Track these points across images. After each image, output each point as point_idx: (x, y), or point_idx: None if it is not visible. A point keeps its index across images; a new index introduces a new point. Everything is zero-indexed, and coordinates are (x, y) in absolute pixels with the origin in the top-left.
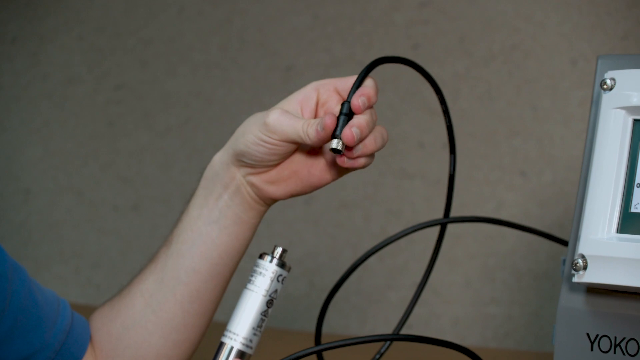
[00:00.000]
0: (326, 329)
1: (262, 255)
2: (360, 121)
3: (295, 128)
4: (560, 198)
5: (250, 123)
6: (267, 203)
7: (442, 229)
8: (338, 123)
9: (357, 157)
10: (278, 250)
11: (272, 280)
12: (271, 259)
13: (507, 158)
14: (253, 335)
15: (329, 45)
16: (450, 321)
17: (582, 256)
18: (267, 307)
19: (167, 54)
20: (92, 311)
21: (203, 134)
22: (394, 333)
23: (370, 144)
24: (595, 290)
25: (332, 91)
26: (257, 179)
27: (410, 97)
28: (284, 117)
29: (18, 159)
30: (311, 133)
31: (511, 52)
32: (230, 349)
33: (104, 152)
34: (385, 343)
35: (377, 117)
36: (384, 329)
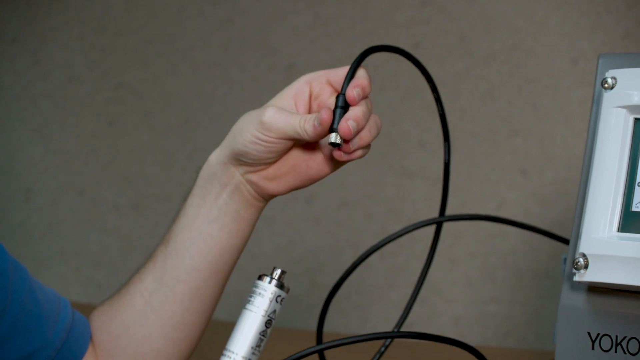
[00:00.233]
0: (327, 327)
1: (261, 277)
2: (357, 113)
3: (292, 125)
4: (561, 197)
5: (246, 122)
6: (266, 199)
7: (438, 227)
8: (334, 117)
9: (354, 150)
10: (277, 271)
11: (271, 301)
12: (270, 280)
13: (508, 157)
14: (252, 354)
15: (330, 44)
16: (451, 320)
17: (583, 255)
18: (265, 327)
19: (167, 54)
20: (93, 310)
21: (204, 133)
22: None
23: (365, 135)
24: (596, 289)
25: (324, 83)
26: (256, 177)
27: (410, 96)
28: (280, 114)
29: (19, 158)
30: (308, 129)
31: (512, 52)
32: None
33: (105, 151)
34: (386, 341)
35: (372, 106)
36: (384, 328)
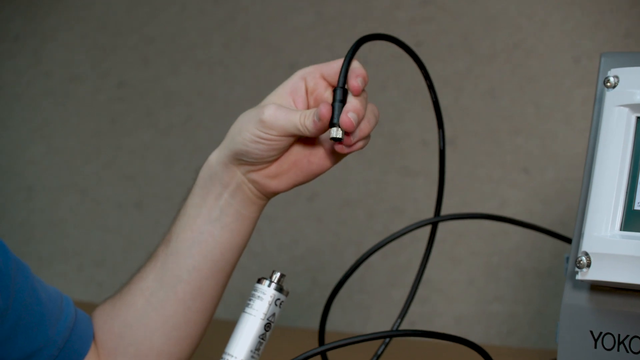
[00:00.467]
0: (329, 326)
1: (261, 280)
2: (356, 105)
3: (292, 121)
4: (563, 196)
5: (245, 121)
6: (268, 197)
7: (434, 227)
8: (333, 111)
9: (355, 142)
10: (276, 275)
11: (270, 304)
12: (269, 283)
13: (509, 156)
14: (251, 358)
15: (332, 43)
16: (454, 319)
17: (586, 254)
18: (265, 331)
19: (169, 52)
20: (95, 309)
21: (205, 132)
22: (395, 329)
23: (365, 126)
24: (598, 287)
25: (318, 78)
26: (257, 176)
27: (412, 94)
28: (280, 111)
29: (20, 157)
30: (309, 125)
31: (514, 50)
32: None
33: (107, 150)
34: (385, 340)
35: (367, 94)
36: (387, 327)
